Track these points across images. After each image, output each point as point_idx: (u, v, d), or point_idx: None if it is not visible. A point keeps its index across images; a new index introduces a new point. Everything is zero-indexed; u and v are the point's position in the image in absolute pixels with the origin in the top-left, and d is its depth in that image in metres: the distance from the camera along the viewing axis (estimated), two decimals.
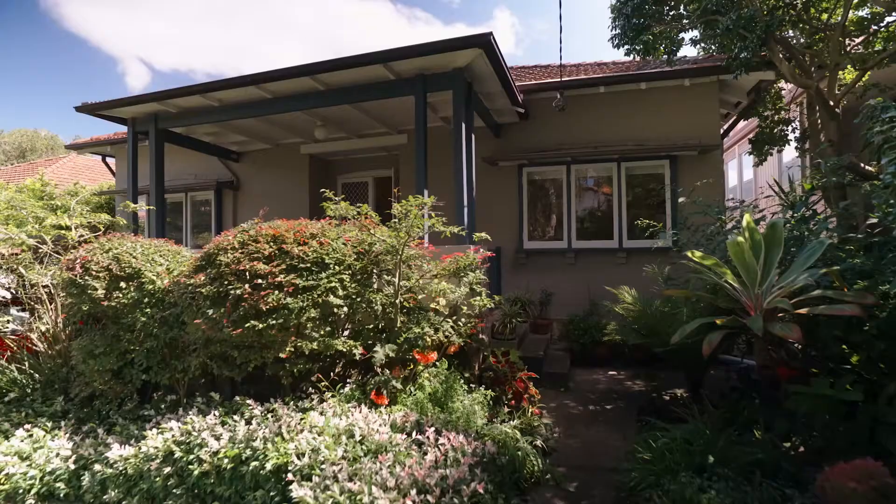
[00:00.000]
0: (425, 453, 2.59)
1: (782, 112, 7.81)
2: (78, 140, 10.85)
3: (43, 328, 5.21)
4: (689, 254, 3.63)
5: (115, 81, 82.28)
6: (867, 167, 4.87)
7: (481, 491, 2.22)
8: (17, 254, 5.11)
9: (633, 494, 2.94)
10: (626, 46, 6.27)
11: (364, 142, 8.77)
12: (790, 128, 7.91)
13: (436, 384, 3.78)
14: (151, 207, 6.51)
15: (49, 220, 5.24)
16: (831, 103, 5.45)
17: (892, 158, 2.99)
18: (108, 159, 11.41)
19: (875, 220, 3.53)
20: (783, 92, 7.98)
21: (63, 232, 5.26)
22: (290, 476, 2.65)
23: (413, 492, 2.18)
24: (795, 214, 4.14)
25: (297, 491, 2.39)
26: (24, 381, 5.13)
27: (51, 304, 5.30)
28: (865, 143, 3.73)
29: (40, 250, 5.19)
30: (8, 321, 5.47)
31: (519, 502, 2.90)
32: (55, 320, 5.25)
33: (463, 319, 4.20)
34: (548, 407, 4.70)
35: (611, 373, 6.23)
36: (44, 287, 5.27)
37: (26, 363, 5.29)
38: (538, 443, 3.61)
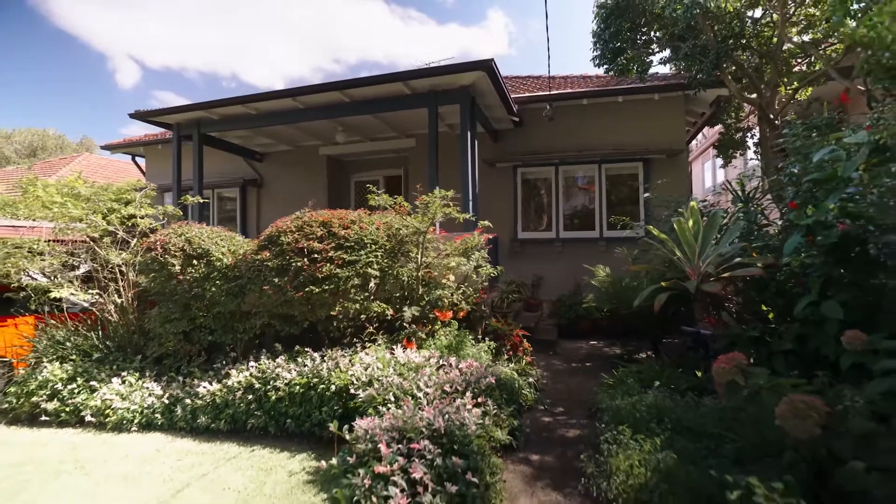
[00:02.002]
0: (448, 372, 3.56)
1: (742, 121, 8.87)
2: (111, 142, 11.68)
3: (118, 301, 6.09)
4: (650, 228, 4.64)
5: (105, 79, 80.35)
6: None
7: (493, 381, 3.20)
8: (96, 238, 5.98)
9: (600, 410, 3.94)
10: (606, 66, 7.27)
11: (376, 144, 9.70)
12: (749, 135, 8.98)
13: (450, 338, 4.74)
14: (204, 200, 7.41)
15: (124, 211, 6.12)
16: (771, 116, 6.48)
17: (791, 161, 4.01)
18: (138, 159, 12.27)
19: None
20: (745, 104, 9.04)
21: (137, 220, 6.13)
22: (352, 390, 3.61)
23: (446, 386, 3.14)
24: (739, 206, 5.17)
25: (362, 394, 3.35)
26: (102, 345, 6.01)
27: (122, 281, 6.18)
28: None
29: (118, 236, 6.07)
30: (85, 298, 6.33)
31: (517, 415, 3.87)
32: (127, 295, 6.14)
33: (470, 289, 5.17)
34: (538, 365, 5.68)
35: (591, 342, 7.24)
36: (117, 266, 6.15)
37: (100, 332, 6.15)
38: (531, 380, 4.60)
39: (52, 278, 6.02)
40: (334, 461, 2.73)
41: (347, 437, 2.65)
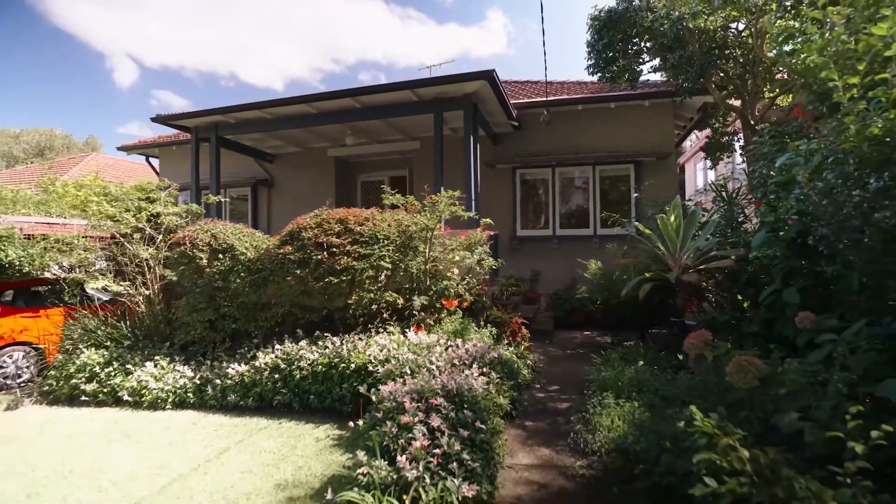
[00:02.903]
0: (456, 350, 4.01)
1: (728, 126, 9.33)
2: (127, 143, 12.11)
3: (146, 292, 6.53)
4: (637, 225, 5.10)
5: (103, 78, 78.66)
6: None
7: (496, 356, 3.65)
8: (127, 234, 6.41)
9: (589, 381, 4.38)
10: (599, 74, 7.72)
11: (382, 146, 10.14)
12: (736, 138, 9.44)
13: (455, 325, 5.19)
14: (226, 199, 7.85)
15: (151, 209, 6.55)
16: (752, 122, 6.94)
17: (759, 165, 4.46)
18: (151, 160, 12.69)
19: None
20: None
21: (163, 218, 6.55)
22: (370, 368, 4.06)
23: (455, 360, 3.59)
24: (720, 205, 5.63)
25: (381, 368, 3.80)
26: (131, 334, 6.44)
27: (149, 274, 6.61)
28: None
29: (146, 232, 6.50)
30: (117, 290, 6.74)
31: (516, 389, 4.32)
32: (153, 287, 6.57)
33: (474, 280, 5.62)
34: (535, 351, 6.12)
35: (585, 333, 7.70)
36: (144, 260, 6.58)
37: (127, 321, 6.58)
38: (528, 362, 5.06)
39: (85, 271, 6.45)
40: (360, 423, 3.17)
41: (374, 398, 3.09)
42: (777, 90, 7.34)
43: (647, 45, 7.75)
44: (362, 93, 6.79)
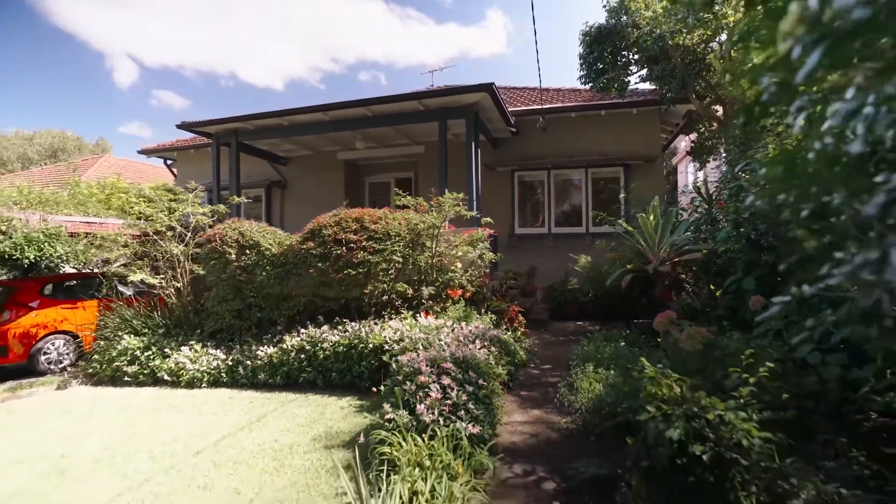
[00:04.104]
0: (461, 330, 4.59)
1: (713, 129, 9.88)
2: (147, 146, 12.69)
3: (177, 285, 7.10)
4: (621, 223, 5.67)
5: (103, 78, 77.86)
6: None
7: (495, 335, 4.23)
8: (161, 231, 6.98)
9: (574, 356, 4.95)
10: (590, 84, 8.28)
11: (389, 150, 10.70)
12: (720, 142, 9.99)
13: (459, 312, 5.76)
14: (249, 200, 8.42)
15: (181, 209, 7.12)
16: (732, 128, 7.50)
17: (726, 171, 5.02)
18: (165, 161, 13.29)
19: None
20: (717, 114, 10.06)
21: (193, 217, 7.13)
22: (386, 347, 4.64)
23: (460, 337, 4.16)
24: (698, 204, 6.19)
25: (397, 346, 4.37)
26: (162, 322, 7.01)
27: (178, 268, 7.18)
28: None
29: (177, 230, 7.07)
30: (153, 283, 7.30)
31: (512, 365, 4.89)
32: (183, 281, 7.15)
33: (476, 272, 6.20)
34: (531, 337, 6.71)
35: (578, 323, 8.26)
36: (175, 256, 7.16)
37: (159, 312, 7.15)
38: (524, 345, 5.63)
39: (124, 265, 7.03)
40: (382, 387, 3.75)
41: (394, 366, 3.67)
42: None
43: (635, 57, 8.30)
44: (374, 103, 7.36)
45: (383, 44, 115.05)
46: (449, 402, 2.92)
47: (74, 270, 8.89)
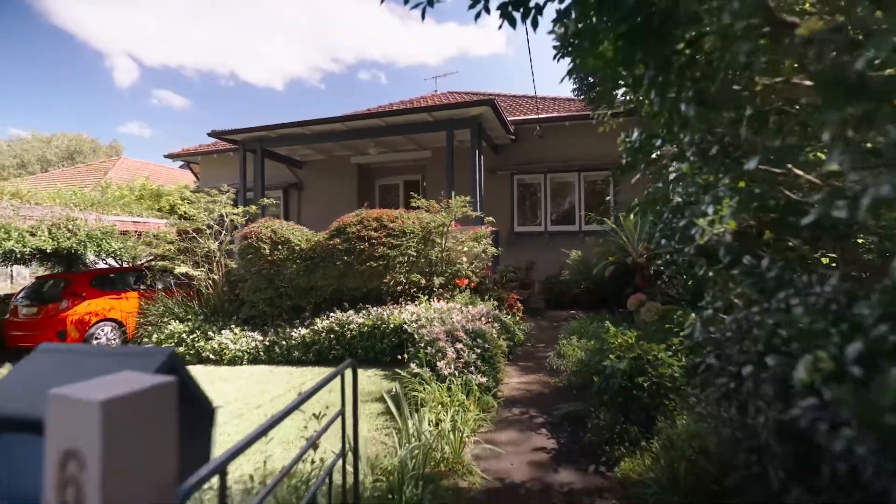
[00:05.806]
0: (469, 312, 5.38)
1: None
2: (173, 151, 13.48)
3: (214, 277, 7.90)
4: (608, 221, 6.45)
5: (103, 77, 78.80)
6: None
7: (497, 315, 5.03)
8: (201, 229, 7.77)
9: (563, 331, 5.73)
10: (582, 97, 9.04)
11: (398, 155, 11.49)
12: None
13: (466, 298, 6.55)
14: (275, 201, 9.20)
15: (218, 209, 7.92)
16: None
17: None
18: (192, 165, 14.09)
19: None
20: None
21: (228, 217, 7.92)
22: (405, 326, 5.43)
23: (468, 316, 4.96)
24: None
25: (412, 326, 5.17)
26: (201, 311, 7.79)
27: (214, 262, 7.97)
28: None
29: (214, 228, 7.87)
30: (195, 275, 8.07)
31: (512, 342, 5.68)
32: (220, 273, 7.94)
33: (479, 265, 6.99)
34: (528, 323, 7.50)
35: (571, 312, 9.03)
36: (213, 251, 7.94)
37: (197, 301, 7.93)
38: (522, 327, 6.42)
39: (170, 260, 7.83)
40: (406, 354, 4.54)
41: (416, 336, 4.46)
42: None
43: None
44: (388, 115, 8.15)
45: (383, 44, 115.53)
46: (461, 360, 3.71)
47: (105, 266, 9.69)
